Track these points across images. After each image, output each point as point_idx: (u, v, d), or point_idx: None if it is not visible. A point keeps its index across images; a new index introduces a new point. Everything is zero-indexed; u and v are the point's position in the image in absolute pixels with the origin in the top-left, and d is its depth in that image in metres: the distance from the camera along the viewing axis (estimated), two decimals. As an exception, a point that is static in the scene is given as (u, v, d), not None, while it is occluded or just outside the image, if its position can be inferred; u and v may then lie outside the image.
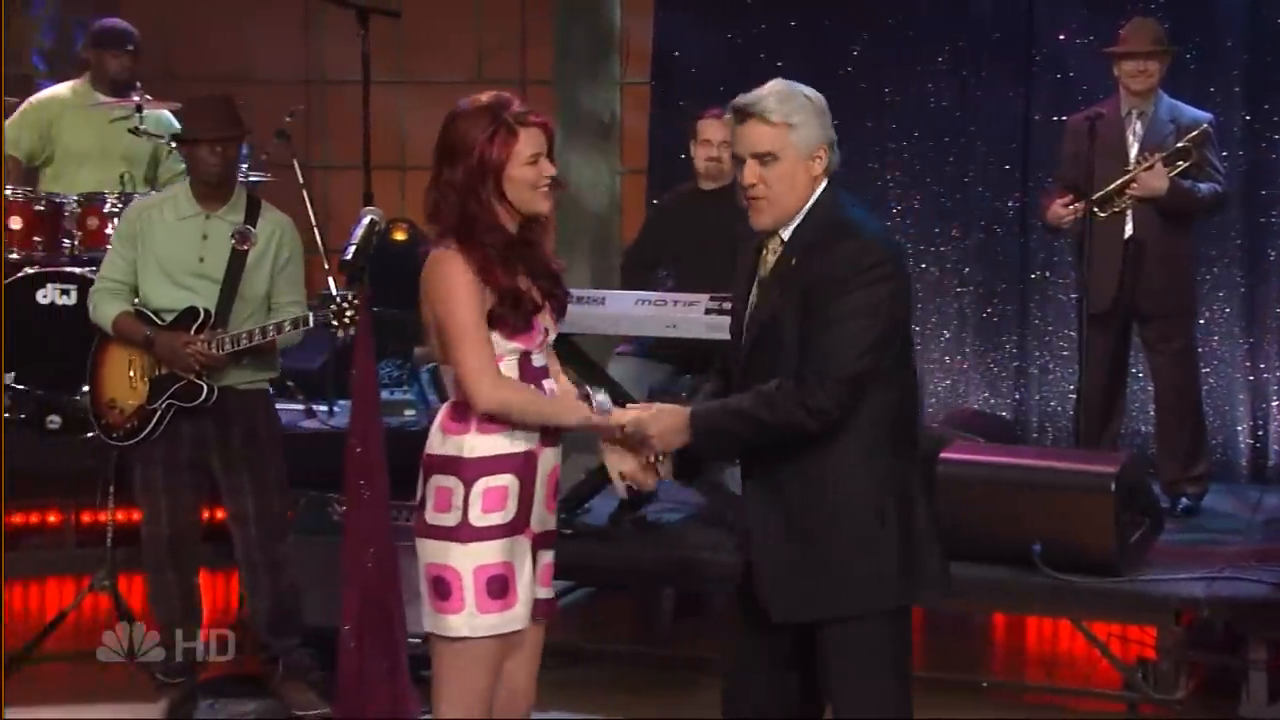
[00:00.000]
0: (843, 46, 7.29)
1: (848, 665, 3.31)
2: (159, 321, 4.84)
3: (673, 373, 5.92)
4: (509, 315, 3.29)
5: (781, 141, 3.28)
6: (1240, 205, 6.74)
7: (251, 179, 6.59)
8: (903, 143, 7.31)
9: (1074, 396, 6.23)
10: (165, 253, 4.85)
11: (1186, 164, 5.92)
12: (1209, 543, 5.74)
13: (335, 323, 4.66)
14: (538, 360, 3.41)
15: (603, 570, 5.83)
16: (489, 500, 3.29)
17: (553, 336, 3.46)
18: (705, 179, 5.89)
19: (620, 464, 3.39)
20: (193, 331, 4.78)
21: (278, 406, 6.57)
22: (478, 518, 3.28)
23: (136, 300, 4.91)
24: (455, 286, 3.26)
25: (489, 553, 3.29)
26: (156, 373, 4.84)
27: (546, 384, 3.44)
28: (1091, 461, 5.38)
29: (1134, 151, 6.00)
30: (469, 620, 3.27)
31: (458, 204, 3.30)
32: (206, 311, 4.80)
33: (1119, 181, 5.94)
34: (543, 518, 3.41)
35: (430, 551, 3.30)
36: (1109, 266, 6.02)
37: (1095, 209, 5.94)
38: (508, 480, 3.31)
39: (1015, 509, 5.22)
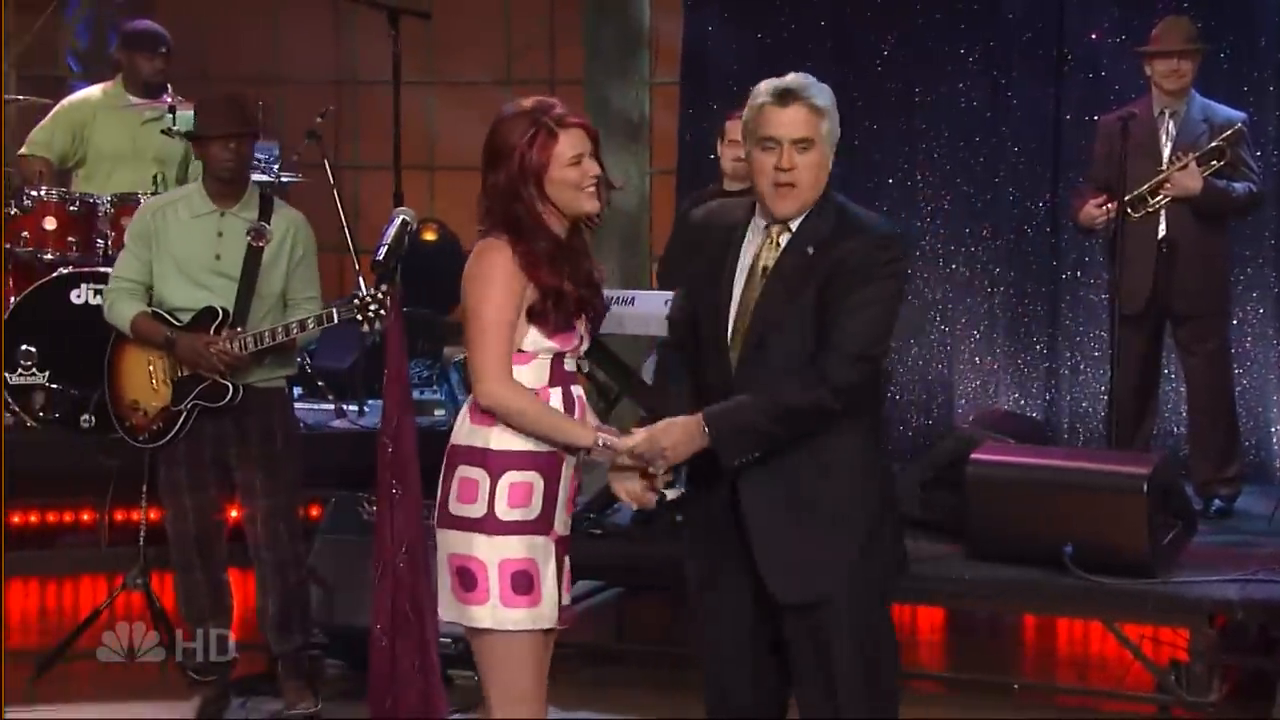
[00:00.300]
0: (873, 46, 7.27)
1: (849, 645, 3.36)
2: (176, 321, 4.83)
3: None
4: (550, 313, 3.29)
5: (818, 129, 3.34)
6: (1275, 205, 6.70)
7: (283, 179, 6.61)
8: (933, 143, 7.27)
9: (1105, 397, 6.20)
10: (181, 251, 4.84)
11: (1220, 163, 5.88)
12: (1242, 544, 5.70)
13: (360, 318, 4.65)
14: (569, 365, 3.40)
15: (632, 570, 5.82)
16: (515, 495, 3.29)
17: (586, 345, 3.44)
18: (732, 179, 5.87)
19: (623, 484, 3.39)
20: (212, 331, 4.78)
21: (308, 406, 6.67)
22: (504, 511, 3.27)
23: (151, 300, 4.89)
24: (494, 275, 3.28)
25: (513, 547, 3.28)
26: (179, 374, 4.84)
27: (575, 389, 3.42)
28: (1124, 463, 5.35)
29: (1167, 151, 5.96)
30: (493, 612, 3.26)
31: (503, 208, 3.31)
32: (225, 311, 4.80)
33: (1152, 181, 5.91)
34: (565, 521, 3.40)
35: (454, 542, 3.29)
36: (1142, 267, 5.99)
37: (1128, 209, 5.91)
38: (532, 477, 3.30)
39: (1046, 510, 5.20)
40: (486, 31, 8.19)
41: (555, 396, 3.36)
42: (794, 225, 3.42)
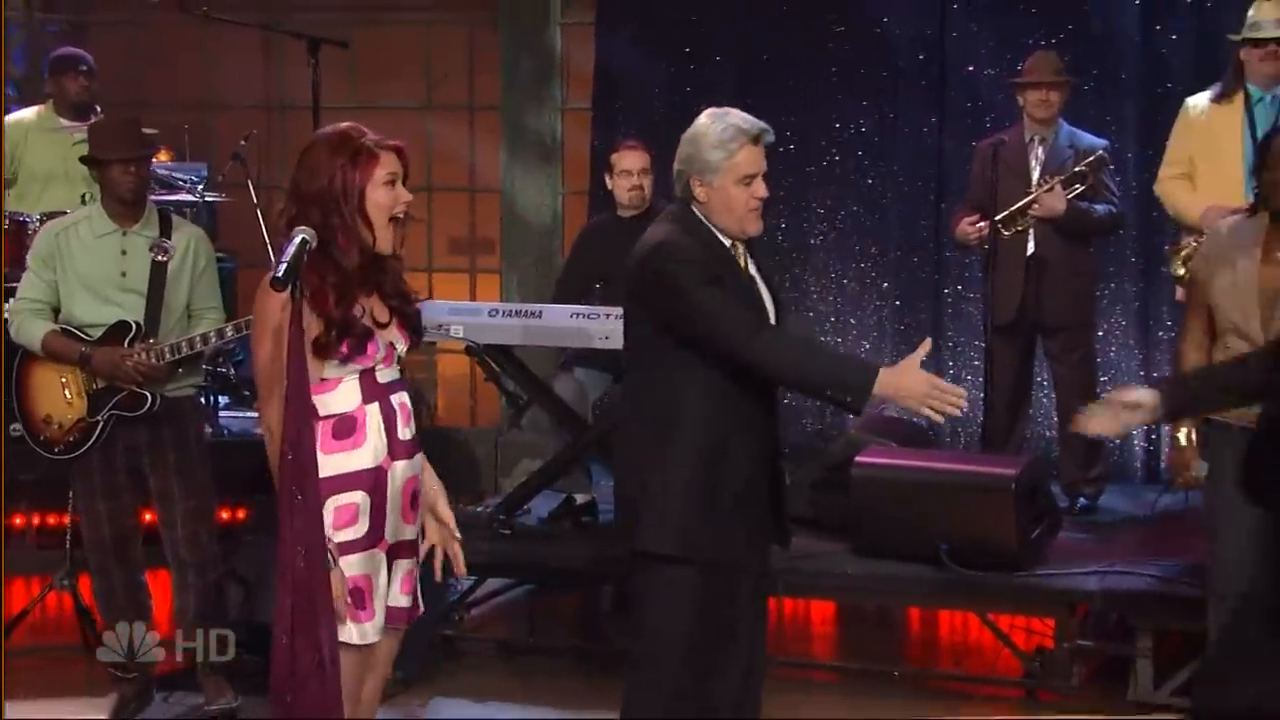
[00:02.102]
0: (772, 77, 7.29)
1: None
2: (87, 337, 4.77)
3: (611, 382, 5.93)
4: (334, 343, 3.24)
5: None
6: (1135, 226, 6.76)
7: (207, 198, 6.56)
8: (826, 166, 7.30)
9: (983, 404, 6.26)
10: (87, 270, 4.78)
11: (1084, 187, 5.96)
12: (1104, 539, 5.79)
13: None
14: (384, 376, 3.34)
15: (542, 569, 5.83)
16: (342, 517, 3.25)
17: (403, 349, 3.39)
18: (628, 208, 5.90)
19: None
20: (126, 344, 4.73)
21: (233, 414, 6.61)
22: (334, 534, 3.23)
23: (58, 318, 4.83)
24: (265, 326, 3.24)
25: (351, 565, 3.26)
26: (94, 386, 4.79)
27: (396, 398, 3.37)
28: (994, 465, 5.42)
29: (1036, 175, 6.04)
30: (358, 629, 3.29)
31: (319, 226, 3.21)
32: (137, 324, 4.75)
33: (1022, 203, 5.98)
34: (398, 529, 3.38)
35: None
36: (1013, 282, 6.06)
37: (1000, 228, 5.98)
38: (358, 497, 3.27)
39: (925, 509, 5.26)
40: (408, 60, 8.14)
41: (372, 413, 3.31)
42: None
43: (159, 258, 4.80)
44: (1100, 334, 6.77)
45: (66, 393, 4.84)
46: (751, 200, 3.59)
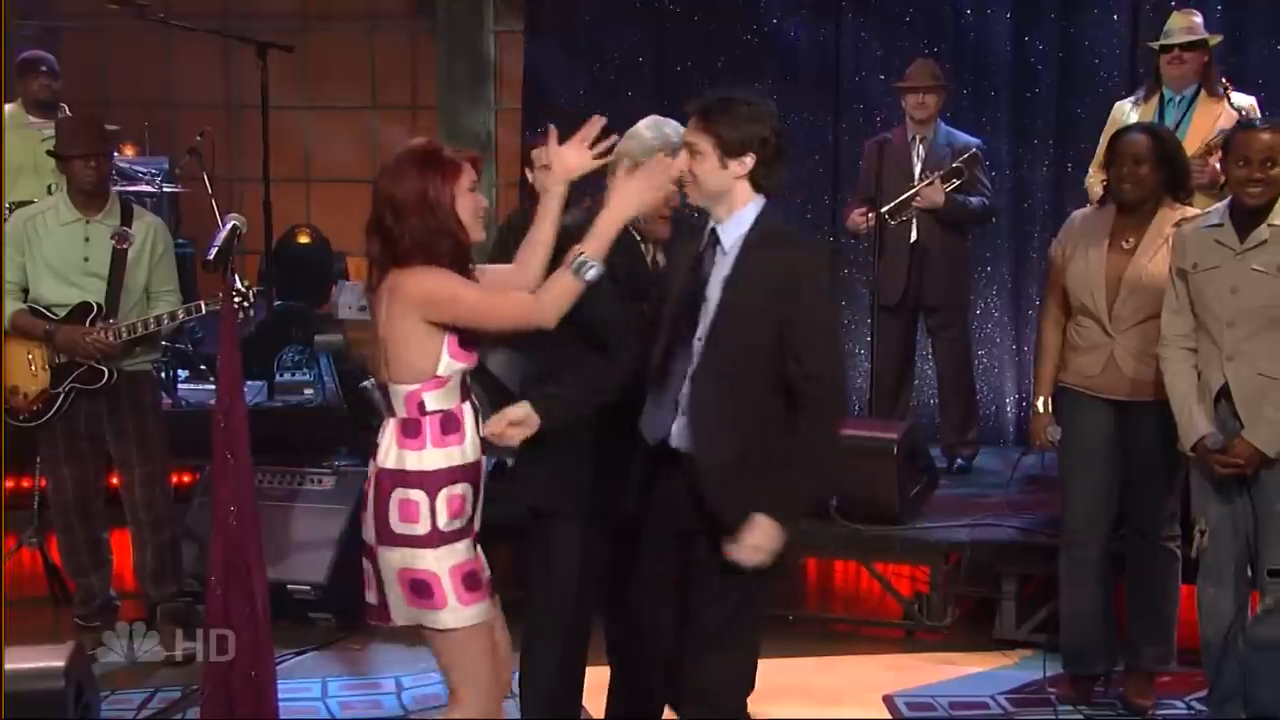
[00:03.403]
0: (685, 80, 7.29)
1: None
2: (52, 315, 4.76)
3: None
4: (475, 336, 3.16)
5: None
6: (1008, 216, 6.86)
7: (165, 189, 6.50)
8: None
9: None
10: (53, 255, 4.77)
11: (960, 181, 6.03)
12: (977, 496, 5.85)
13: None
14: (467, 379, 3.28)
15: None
16: (452, 507, 3.14)
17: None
18: None
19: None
20: (88, 323, 4.72)
21: (191, 386, 6.56)
22: (445, 524, 3.12)
23: (27, 298, 4.81)
24: (452, 281, 3.10)
25: (459, 552, 3.15)
26: (57, 360, 4.76)
27: (472, 398, 3.28)
28: (878, 429, 5.46)
29: (918, 170, 6.09)
30: (455, 613, 3.13)
31: (431, 241, 3.10)
32: (99, 305, 4.75)
33: (905, 195, 6.04)
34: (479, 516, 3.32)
35: (401, 558, 3.13)
36: (898, 266, 6.12)
37: (886, 218, 6.02)
38: (464, 488, 3.17)
39: (817, 469, 5.28)
40: (354, 63, 8.11)
41: (468, 410, 3.21)
42: None
43: (120, 245, 4.78)
44: (977, 312, 6.85)
45: (32, 366, 4.81)
46: (664, 208, 3.52)
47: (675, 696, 3.47)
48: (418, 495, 3.10)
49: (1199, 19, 5.29)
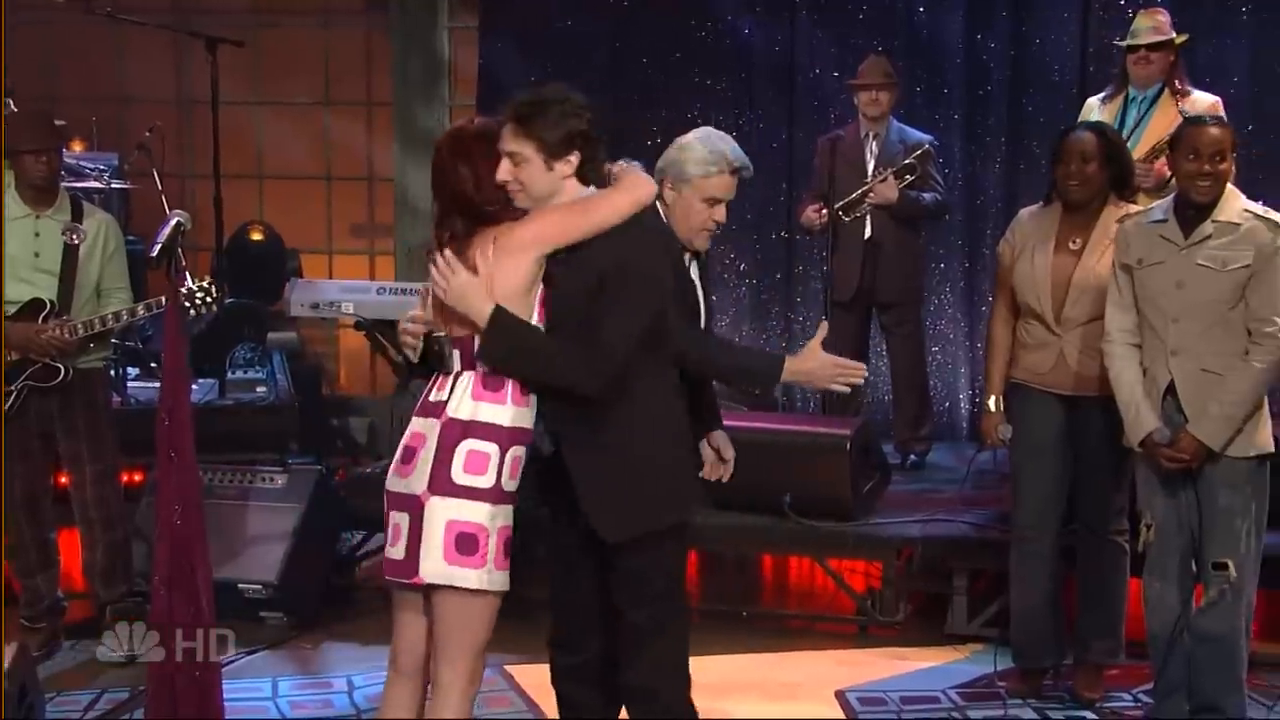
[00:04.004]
0: (639, 77, 7.30)
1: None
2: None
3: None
4: None
5: None
6: (961, 212, 6.88)
7: (113, 184, 6.43)
8: (689, 158, 7.32)
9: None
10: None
11: (913, 178, 6.05)
12: (930, 491, 5.87)
13: (186, 305, 4.56)
14: None
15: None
16: (514, 467, 3.14)
17: None
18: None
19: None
20: (41, 320, 4.66)
21: (141, 384, 6.50)
22: (508, 482, 3.11)
23: None
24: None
25: (508, 515, 3.14)
26: (9, 358, 4.69)
27: None
28: (831, 426, 5.47)
29: (871, 167, 6.11)
30: (488, 575, 3.10)
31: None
32: (51, 302, 4.70)
33: (859, 192, 6.05)
34: None
35: (455, 509, 3.08)
36: (851, 263, 6.13)
37: (840, 214, 6.04)
38: (523, 451, 3.16)
39: (770, 466, 5.26)
40: (308, 59, 8.04)
41: None
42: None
43: (71, 241, 4.73)
44: (930, 308, 6.88)
45: None
46: (710, 221, 3.56)
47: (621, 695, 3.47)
48: (490, 448, 3.08)
49: (1165, 18, 5.32)
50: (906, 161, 6.02)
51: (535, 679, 4.23)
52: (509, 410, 3.12)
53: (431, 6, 7.73)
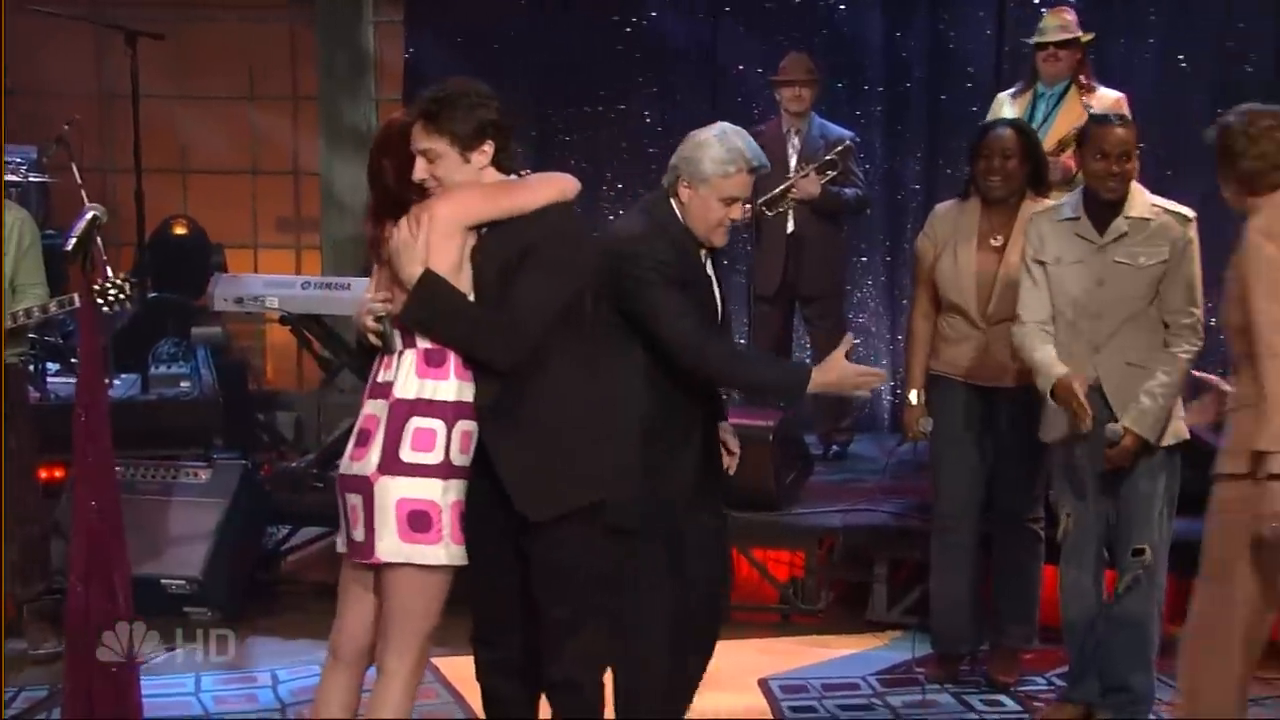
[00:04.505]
0: (566, 73, 7.27)
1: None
2: None
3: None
4: None
5: None
6: (881, 206, 6.92)
7: (31, 178, 6.30)
8: (616, 152, 7.30)
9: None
10: None
11: (834, 173, 6.07)
12: (851, 482, 5.92)
13: (100, 302, 4.47)
14: None
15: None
16: (464, 441, 3.13)
17: None
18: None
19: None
20: None
21: (62, 380, 6.36)
22: (457, 457, 3.10)
23: None
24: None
25: (459, 489, 3.13)
26: None
27: None
28: (754, 417, 5.45)
29: (793, 162, 6.12)
30: (446, 550, 3.09)
31: None
32: None
33: (781, 187, 6.06)
34: None
35: (405, 487, 3.07)
36: (774, 257, 6.15)
37: (763, 209, 6.05)
38: (473, 427, 3.15)
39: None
40: (232, 54, 7.92)
41: None
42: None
43: None
44: (853, 302, 6.92)
45: None
46: (727, 219, 3.52)
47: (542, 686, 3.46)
48: (436, 424, 3.08)
49: (1072, 17, 5.40)
50: (828, 157, 6.04)
51: (461, 672, 4.20)
52: (453, 385, 3.11)
53: (356, 1, 7.64)
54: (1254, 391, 3.31)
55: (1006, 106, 5.37)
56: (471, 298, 3.16)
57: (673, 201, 3.56)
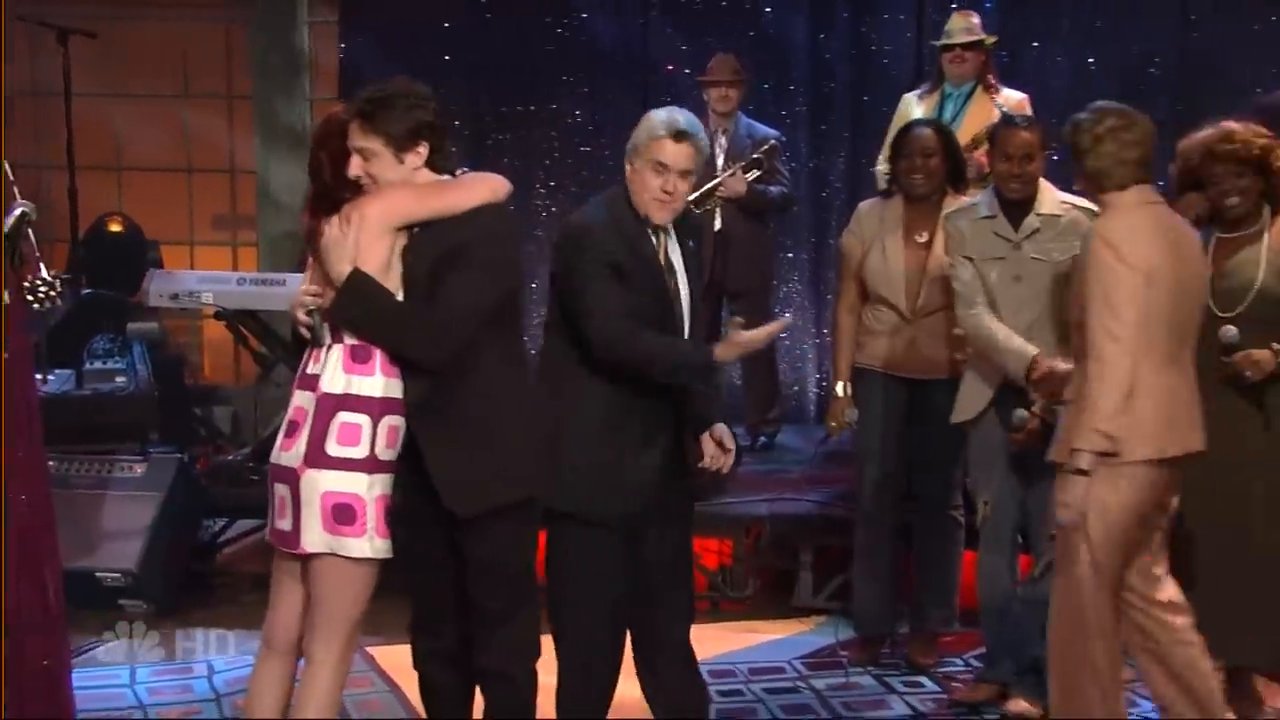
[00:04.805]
0: (501, 72, 7.24)
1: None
2: None
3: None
4: None
5: (696, 163, 3.49)
6: (807, 204, 6.97)
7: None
8: (548, 150, 7.27)
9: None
10: None
11: (761, 172, 6.08)
12: (778, 472, 5.95)
13: (30, 299, 4.38)
14: None
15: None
16: (390, 436, 3.12)
17: None
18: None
19: None
20: None
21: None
22: (382, 451, 3.10)
23: None
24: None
25: (385, 484, 3.12)
26: None
27: None
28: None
29: (720, 161, 6.13)
30: (369, 543, 3.08)
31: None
32: None
33: (709, 185, 6.06)
34: None
35: (330, 481, 3.06)
36: (703, 254, 6.13)
37: (691, 207, 6.03)
38: (399, 421, 3.13)
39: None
40: (166, 53, 7.81)
41: None
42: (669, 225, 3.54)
43: None
44: (779, 297, 6.95)
45: None
46: (660, 191, 3.46)
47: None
48: (361, 419, 3.07)
49: (977, 20, 5.50)
50: (754, 156, 6.06)
51: (396, 660, 4.19)
52: (379, 381, 3.11)
53: (290, 1, 7.56)
54: (1081, 387, 3.41)
55: (914, 106, 5.44)
56: (401, 296, 3.15)
57: (628, 187, 3.55)
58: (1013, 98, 5.35)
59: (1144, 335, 3.39)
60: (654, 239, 3.53)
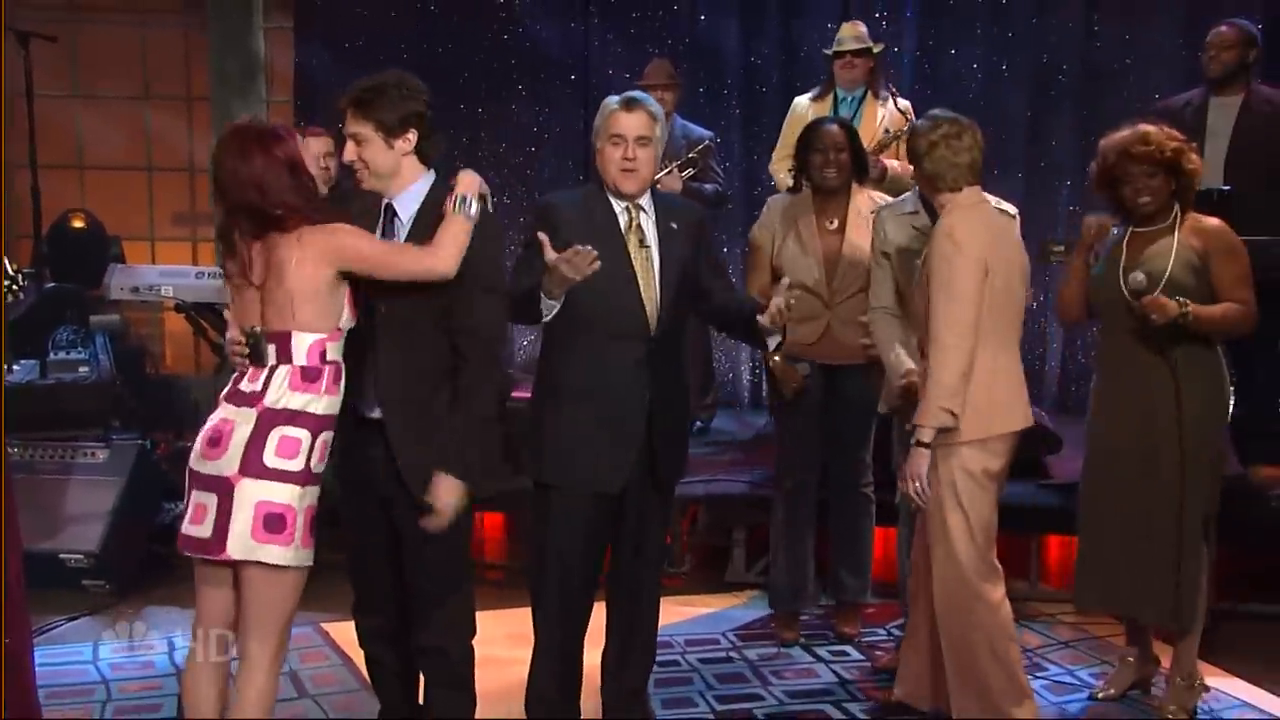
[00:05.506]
0: (451, 77, 7.21)
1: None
2: None
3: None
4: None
5: (654, 130, 3.50)
6: (740, 201, 6.99)
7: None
8: (494, 152, 7.28)
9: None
10: None
11: (695, 170, 6.10)
12: (713, 455, 5.99)
13: None
14: None
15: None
16: (322, 451, 3.09)
17: None
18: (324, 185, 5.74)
19: None
20: None
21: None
22: (315, 465, 3.07)
23: None
24: (358, 234, 3.15)
25: (314, 495, 3.09)
26: None
27: None
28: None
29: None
30: (295, 553, 3.04)
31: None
32: None
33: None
34: None
35: (265, 491, 3.01)
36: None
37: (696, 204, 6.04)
38: (330, 435, 3.12)
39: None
40: (126, 56, 7.70)
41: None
42: (646, 202, 3.52)
43: None
44: (715, 289, 6.96)
45: None
46: (621, 160, 3.47)
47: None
48: (302, 434, 3.04)
49: (864, 29, 5.62)
50: (689, 155, 6.06)
51: (349, 635, 4.14)
52: (324, 400, 3.10)
53: (247, 7, 7.49)
54: (926, 370, 3.60)
55: (807, 108, 5.53)
56: (349, 314, 3.13)
57: (599, 169, 3.59)
58: (902, 105, 5.42)
59: (982, 321, 3.55)
60: (629, 214, 3.53)
